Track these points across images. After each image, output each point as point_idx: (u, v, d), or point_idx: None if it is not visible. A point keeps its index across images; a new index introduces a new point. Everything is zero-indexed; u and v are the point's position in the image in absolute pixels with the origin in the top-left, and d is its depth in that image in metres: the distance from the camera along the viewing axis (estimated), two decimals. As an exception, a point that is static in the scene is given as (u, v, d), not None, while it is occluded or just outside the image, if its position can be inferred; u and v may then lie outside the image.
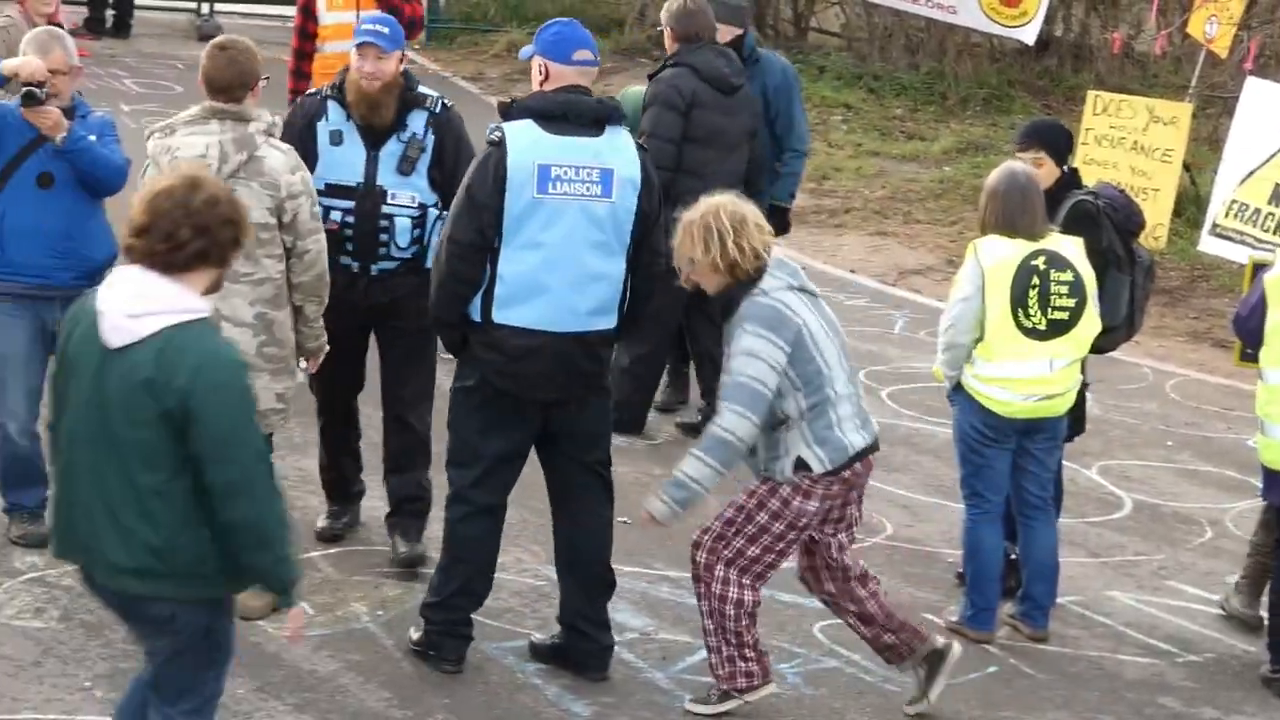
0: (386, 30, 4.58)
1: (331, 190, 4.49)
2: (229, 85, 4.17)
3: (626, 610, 4.42)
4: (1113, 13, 12.77)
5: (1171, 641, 4.65)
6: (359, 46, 4.51)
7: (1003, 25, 10.33)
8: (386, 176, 4.51)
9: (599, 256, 3.90)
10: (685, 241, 3.84)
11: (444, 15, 15.04)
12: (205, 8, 14.64)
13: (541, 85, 3.99)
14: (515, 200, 3.80)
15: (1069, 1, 12.65)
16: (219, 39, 4.52)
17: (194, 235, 2.59)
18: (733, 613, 3.86)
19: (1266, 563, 4.62)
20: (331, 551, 4.74)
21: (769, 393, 3.74)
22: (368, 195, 4.49)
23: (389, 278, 4.56)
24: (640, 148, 4.11)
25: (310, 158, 4.43)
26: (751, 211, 3.91)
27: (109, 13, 13.95)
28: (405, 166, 4.51)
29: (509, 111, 3.97)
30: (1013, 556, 4.68)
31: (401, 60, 4.61)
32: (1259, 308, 4.54)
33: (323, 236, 4.28)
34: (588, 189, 3.88)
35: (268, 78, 4.36)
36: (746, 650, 3.89)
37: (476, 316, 3.90)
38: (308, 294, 4.27)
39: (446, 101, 4.69)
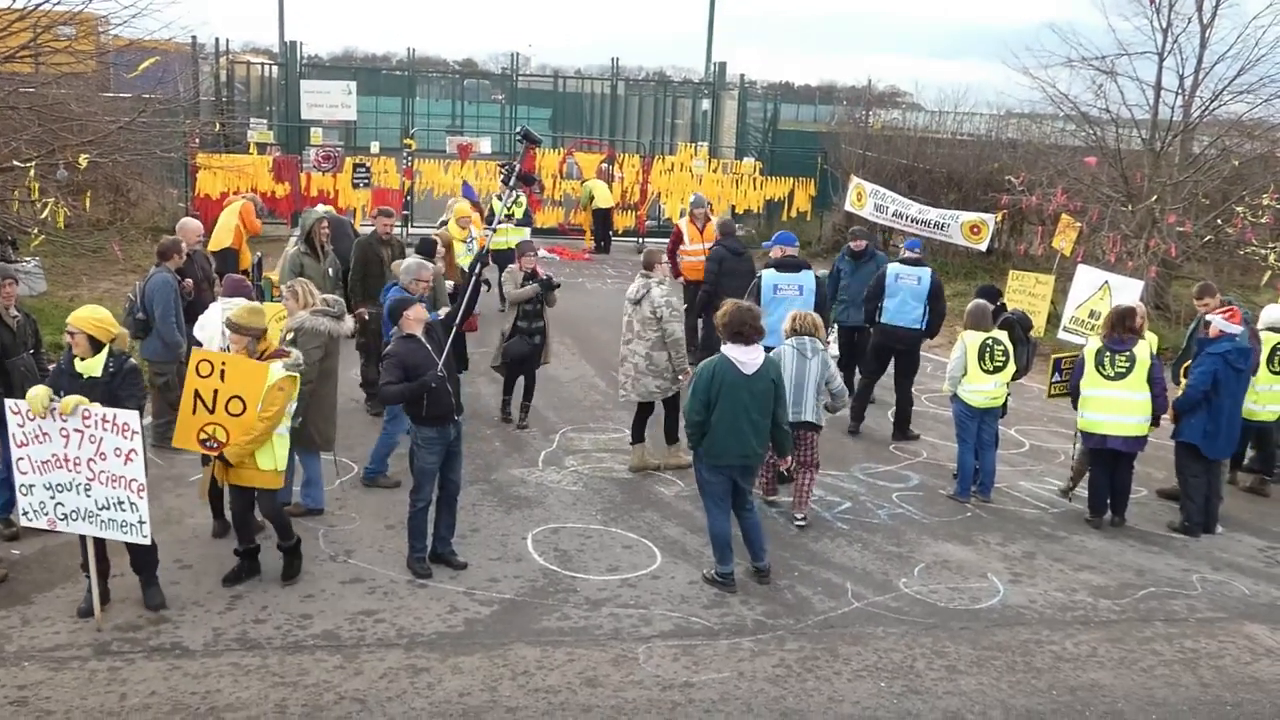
0: None
1: None
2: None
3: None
4: (1019, 238, 20.45)
5: (1045, 502, 10.75)
6: None
7: (970, 243, 17.40)
8: None
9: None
10: None
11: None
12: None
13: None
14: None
15: (1000, 234, 20.11)
16: None
17: None
18: None
19: (1083, 468, 10.79)
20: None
21: None
22: None
23: None
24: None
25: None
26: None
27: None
28: None
29: None
30: (976, 467, 10.79)
31: None
32: (1080, 366, 10.68)
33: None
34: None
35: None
36: None
37: None
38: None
39: None
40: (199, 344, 8.93)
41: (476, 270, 9.09)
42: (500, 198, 16.78)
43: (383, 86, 37.12)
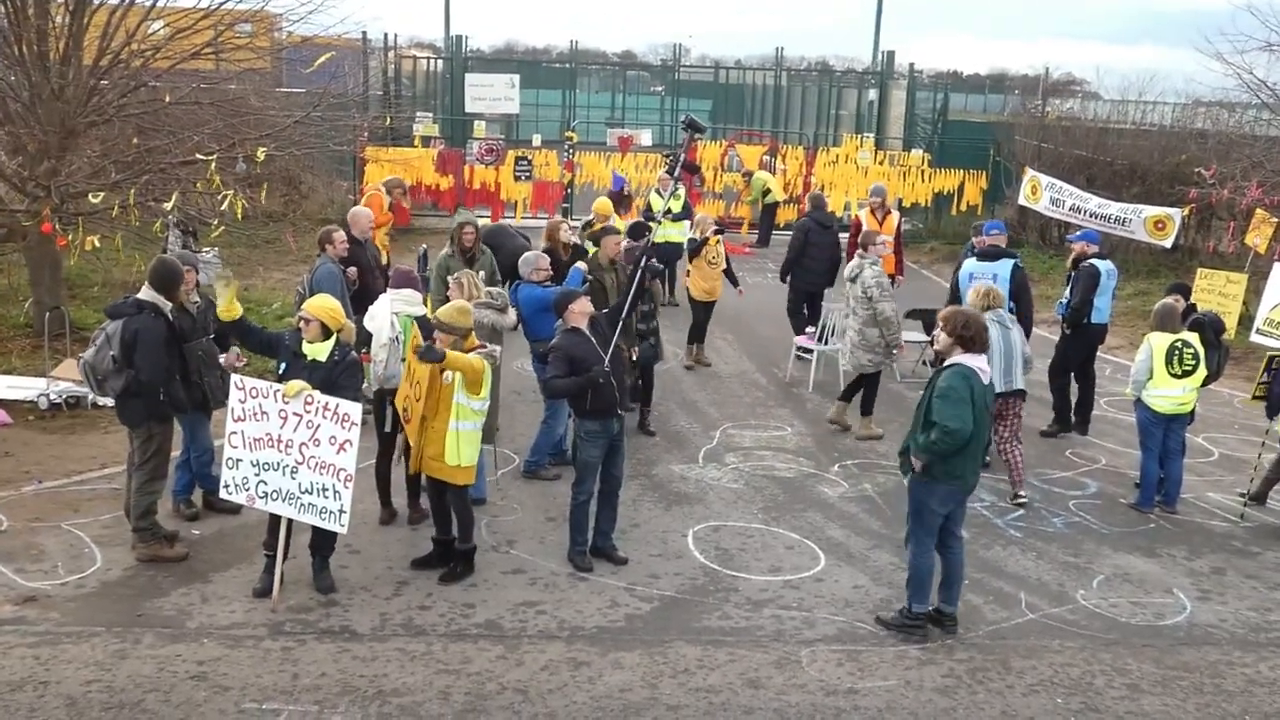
0: None
1: None
2: None
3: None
4: (1207, 234, 19.39)
5: (1236, 515, 10.26)
6: None
7: (1155, 239, 16.71)
8: None
9: None
10: None
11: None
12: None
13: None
14: None
15: (1186, 230, 19.20)
16: None
17: None
18: None
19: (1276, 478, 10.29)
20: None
21: None
22: None
23: None
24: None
25: None
26: None
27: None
28: None
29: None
30: (1160, 476, 10.32)
31: None
32: (1281, 375, 10.14)
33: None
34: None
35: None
36: None
37: None
38: None
39: None
40: (369, 334, 9.17)
41: (640, 263, 9.14)
42: (660, 192, 16.94)
43: (544, 79, 37.71)
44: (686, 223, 16.57)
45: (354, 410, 7.51)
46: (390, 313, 8.85)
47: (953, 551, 7.71)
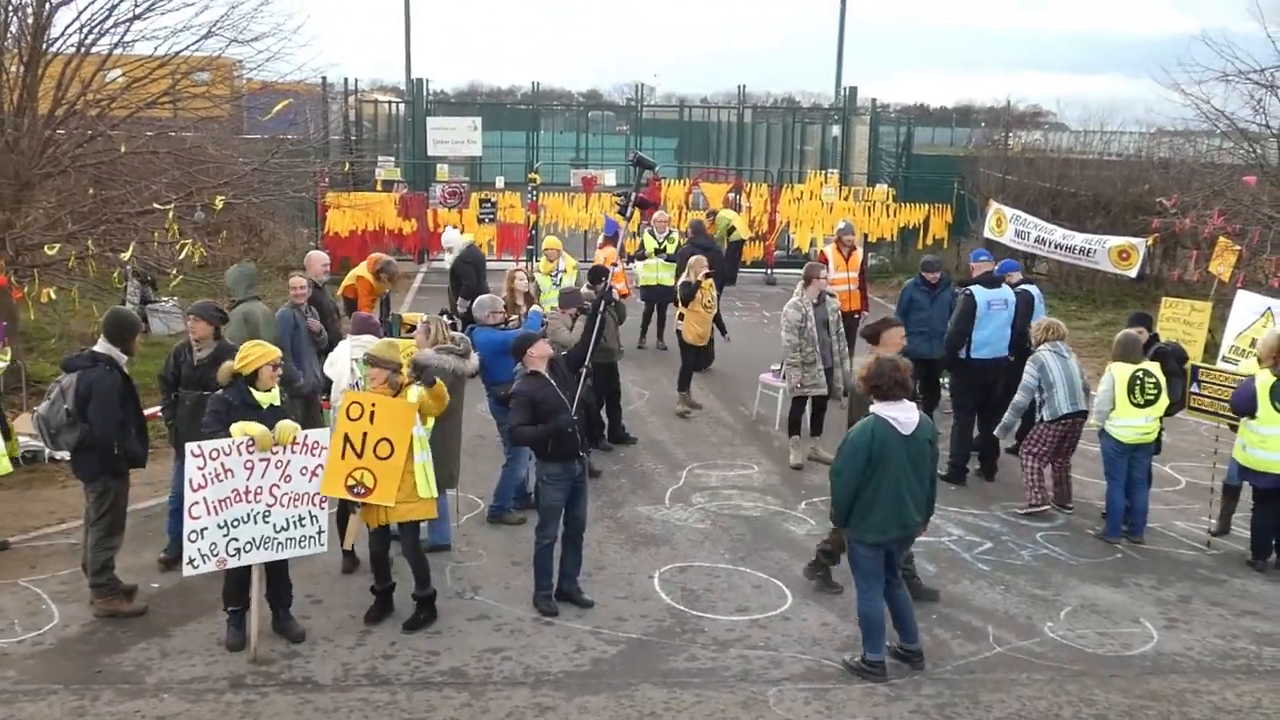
0: None
1: None
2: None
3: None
4: (1172, 263, 19.75)
5: (1203, 543, 10.41)
6: None
7: (1119, 269, 17.07)
8: None
9: None
10: None
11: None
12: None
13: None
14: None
15: (1151, 259, 19.63)
16: None
17: None
18: None
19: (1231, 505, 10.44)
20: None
21: None
22: None
23: None
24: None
25: None
26: None
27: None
28: None
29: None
30: (1127, 505, 10.46)
31: None
32: (1251, 392, 10.19)
33: None
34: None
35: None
36: None
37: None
38: None
39: None
40: (329, 380, 9.24)
41: (600, 306, 9.25)
42: (654, 233, 17.22)
43: (507, 121, 37.88)
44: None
45: (323, 436, 7.74)
46: (350, 359, 8.92)
47: (894, 596, 7.75)
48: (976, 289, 11.81)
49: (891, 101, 41.88)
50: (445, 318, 10.66)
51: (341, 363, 9.17)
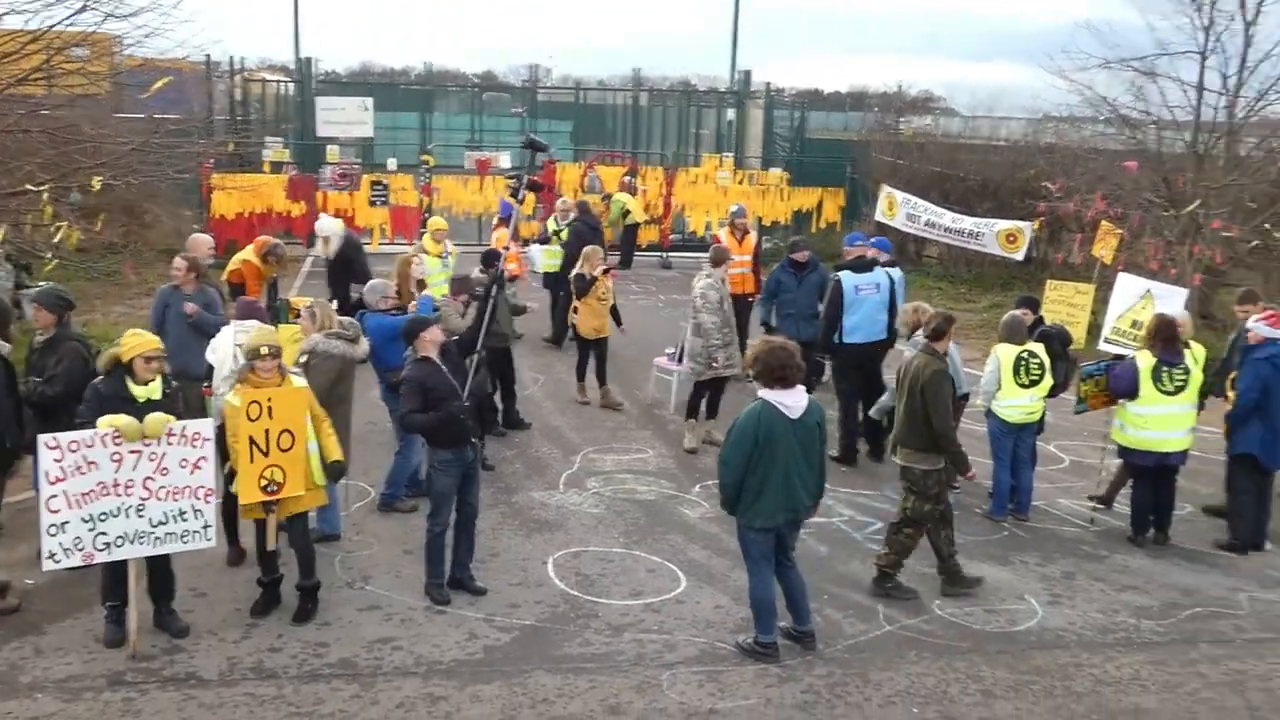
0: None
1: None
2: None
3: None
4: (1057, 246, 20.22)
5: (1086, 520, 10.69)
6: None
7: (1007, 252, 17.41)
8: None
9: None
10: None
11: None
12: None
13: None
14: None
15: (1037, 242, 20.26)
16: None
17: None
18: None
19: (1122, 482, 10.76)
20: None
21: None
22: None
23: None
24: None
25: None
26: None
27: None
28: None
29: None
30: (1012, 484, 10.68)
31: None
32: (1132, 374, 10.46)
33: None
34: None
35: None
36: None
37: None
38: None
39: None
40: (210, 367, 9.02)
41: (491, 290, 9.18)
42: (558, 218, 17.17)
43: (400, 102, 37.47)
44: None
45: (204, 426, 7.50)
46: (234, 345, 8.71)
47: (787, 577, 7.82)
48: (845, 274, 11.99)
49: (787, 86, 42.15)
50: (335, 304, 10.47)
51: (225, 349, 8.94)
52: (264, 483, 7.65)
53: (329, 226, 14.95)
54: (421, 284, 12.40)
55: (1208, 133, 18.91)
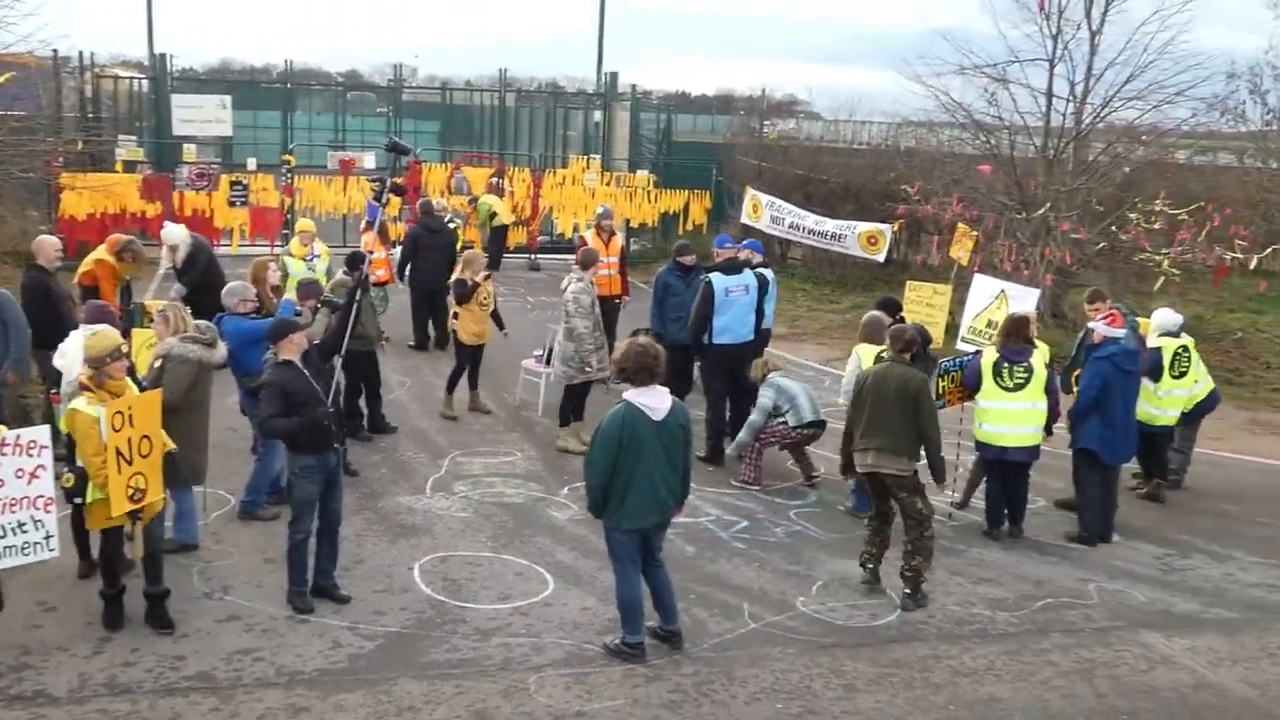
0: None
1: None
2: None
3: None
4: (916, 248, 20.72)
5: (944, 515, 10.98)
6: None
7: (868, 254, 17.76)
8: None
9: None
10: None
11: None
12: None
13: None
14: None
15: (898, 244, 20.90)
16: None
17: None
18: None
19: (977, 479, 11.07)
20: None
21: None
22: None
23: None
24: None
25: None
26: None
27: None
28: None
29: None
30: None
31: None
32: (977, 370, 10.86)
33: None
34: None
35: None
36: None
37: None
38: None
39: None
40: (58, 372, 8.73)
41: (357, 292, 9.05)
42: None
43: (261, 100, 36.67)
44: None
45: (41, 434, 7.24)
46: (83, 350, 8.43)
47: (654, 577, 7.86)
48: (715, 275, 12.12)
49: (654, 88, 42.48)
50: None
51: (73, 354, 8.64)
52: (131, 491, 7.45)
53: (175, 234, 14.37)
54: (279, 289, 12.08)
55: (1057, 138, 19.63)
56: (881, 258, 19.23)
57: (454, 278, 13.46)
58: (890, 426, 8.85)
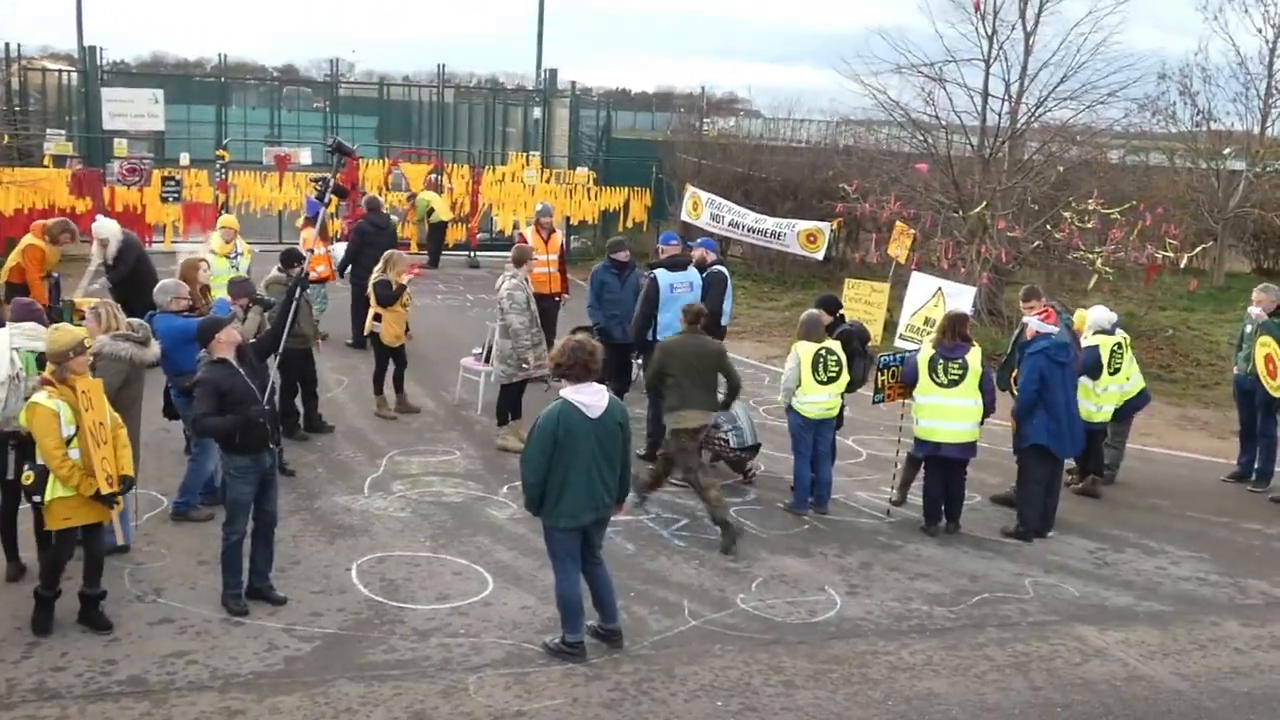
0: None
1: None
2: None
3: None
4: (855, 246, 21.04)
5: (882, 512, 11.11)
6: None
7: (807, 252, 17.83)
8: None
9: None
10: None
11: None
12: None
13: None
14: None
15: (837, 242, 21.07)
16: None
17: None
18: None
19: (910, 476, 11.16)
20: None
21: None
22: None
23: None
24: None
25: None
26: None
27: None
28: None
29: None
30: (813, 478, 11.03)
31: None
32: (914, 365, 10.97)
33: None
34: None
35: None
36: None
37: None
38: None
39: None
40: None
41: (295, 291, 8.96)
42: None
43: (194, 94, 36.20)
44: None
45: None
46: (9, 348, 8.26)
47: (594, 575, 7.86)
48: (660, 272, 12.12)
49: (594, 85, 42.46)
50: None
51: (1, 354, 8.46)
52: (107, 474, 7.42)
53: (107, 228, 14.07)
54: (206, 288, 11.83)
55: (993, 137, 19.88)
56: (821, 256, 19.34)
57: (375, 279, 13.17)
58: (704, 388, 10.08)
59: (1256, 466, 12.62)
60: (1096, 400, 11.41)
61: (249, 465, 8.02)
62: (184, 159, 23.90)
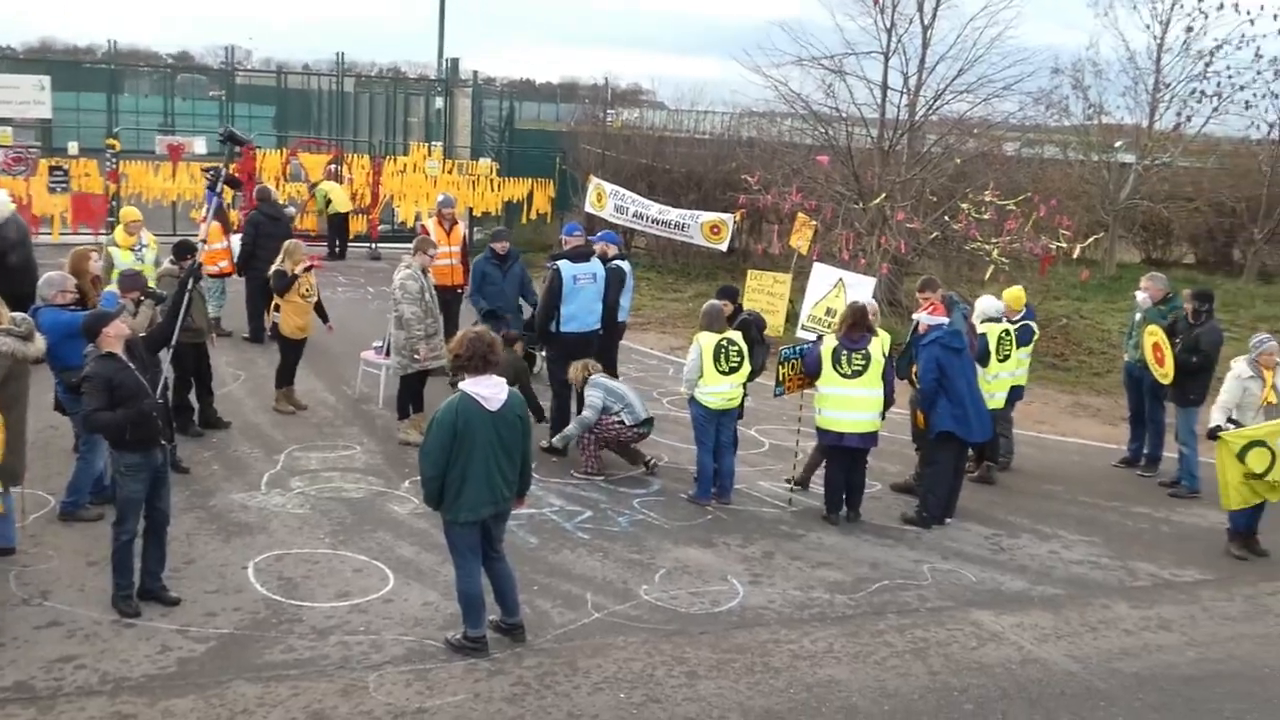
0: None
1: None
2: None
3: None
4: (758, 237, 21.14)
5: (784, 502, 11.20)
6: None
7: (711, 243, 17.91)
8: None
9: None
10: None
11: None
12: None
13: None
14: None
15: (740, 233, 21.21)
16: None
17: None
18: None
19: (815, 463, 11.29)
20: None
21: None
22: None
23: None
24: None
25: None
26: None
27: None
28: None
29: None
30: (715, 469, 11.09)
31: None
32: (817, 356, 11.09)
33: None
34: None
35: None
36: None
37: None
38: None
39: None
40: None
41: (187, 285, 8.77)
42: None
43: (84, 81, 35.23)
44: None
45: None
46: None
47: (495, 569, 7.79)
48: (564, 263, 12.07)
49: (498, 76, 42.15)
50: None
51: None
52: None
53: None
54: (96, 279, 11.48)
55: (892, 130, 20.14)
56: (724, 247, 19.47)
57: (273, 268, 12.99)
58: None
59: (1146, 452, 13.01)
60: (989, 387, 11.62)
61: (140, 462, 7.82)
62: (72, 148, 23.24)
